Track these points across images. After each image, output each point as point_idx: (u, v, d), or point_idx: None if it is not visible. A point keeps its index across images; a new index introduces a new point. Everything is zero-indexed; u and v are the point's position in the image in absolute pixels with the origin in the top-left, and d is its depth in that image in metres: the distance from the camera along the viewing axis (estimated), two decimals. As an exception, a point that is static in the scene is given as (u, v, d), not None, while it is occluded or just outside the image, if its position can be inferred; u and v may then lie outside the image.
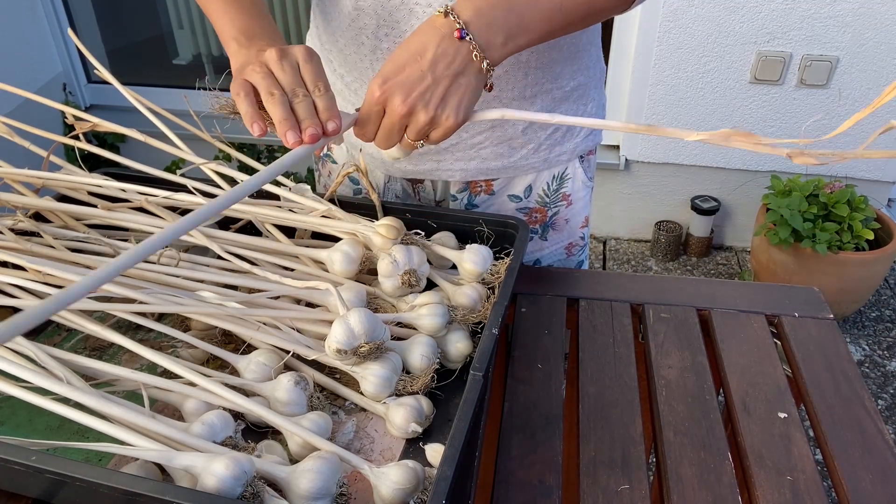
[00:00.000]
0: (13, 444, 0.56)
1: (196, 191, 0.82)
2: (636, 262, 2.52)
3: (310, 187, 0.84)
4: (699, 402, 0.72)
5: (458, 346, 0.71)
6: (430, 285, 0.78)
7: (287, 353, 0.67)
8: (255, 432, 0.65)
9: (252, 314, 0.69)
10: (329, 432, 0.63)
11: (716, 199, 2.41)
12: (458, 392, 0.66)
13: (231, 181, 0.84)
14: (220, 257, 0.77)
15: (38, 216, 0.85)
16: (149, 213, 0.80)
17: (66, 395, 0.60)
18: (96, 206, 0.82)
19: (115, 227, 0.84)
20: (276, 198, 0.83)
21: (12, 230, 0.79)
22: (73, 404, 0.59)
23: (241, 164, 1.68)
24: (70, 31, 0.91)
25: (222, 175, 0.84)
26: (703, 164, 2.37)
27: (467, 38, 0.61)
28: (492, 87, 0.66)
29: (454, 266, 0.79)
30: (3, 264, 0.74)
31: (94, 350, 0.75)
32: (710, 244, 2.53)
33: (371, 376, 0.65)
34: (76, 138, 0.85)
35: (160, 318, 0.73)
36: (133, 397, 0.65)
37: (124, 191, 0.82)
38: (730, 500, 0.62)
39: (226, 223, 0.87)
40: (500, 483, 0.63)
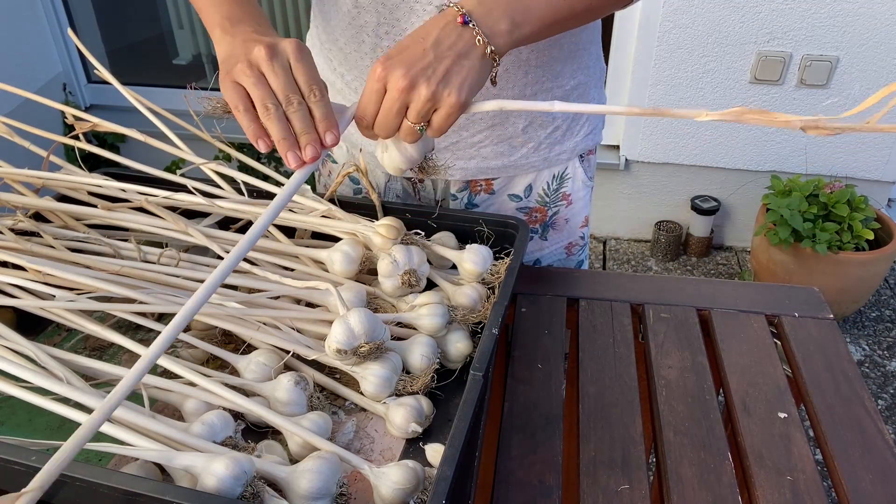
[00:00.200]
0: (13, 444, 0.56)
1: (196, 191, 0.82)
2: (636, 262, 2.52)
3: (310, 187, 0.84)
4: (699, 402, 0.72)
5: (458, 346, 0.71)
6: (430, 285, 0.78)
7: (287, 353, 0.67)
8: (255, 432, 0.65)
9: (252, 314, 0.69)
10: (329, 432, 0.63)
11: (716, 199, 2.40)
12: (458, 392, 0.66)
13: (231, 181, 0.84)
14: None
15: (38, 216, 0.85)
16: (149, 213, 0.80)
17: (66, 395, 0.60)
18: (96, 206, 0.82)
19: (115, 227, 0.84)
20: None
21: (12, 230, 0.79)
22: (73, 404, 0.59)
23: (241, 164, 1.67)
24: (70, 31, 0.91)
25: (222, 175, 0.84)
26: (703, 164, 2.36)
27: (470, 23, 0.61)
28: (496, 81, 0.66)
29: (454, 266, 0.79)
30: (3, 264, 0.74)
31: (94, 350, 0.75)
32: (710, 244, 2.53)
33: (371, 376, 0.65)
34: (76, 138, 0.85)
35: (160, 318, 0.73)
36: (133, 397, 0.65)
37: (124, 191, 0.82)
38: (730, 500, 0.62)
39: (226, 223, 0.87)
40: (500, 483, 0.63)
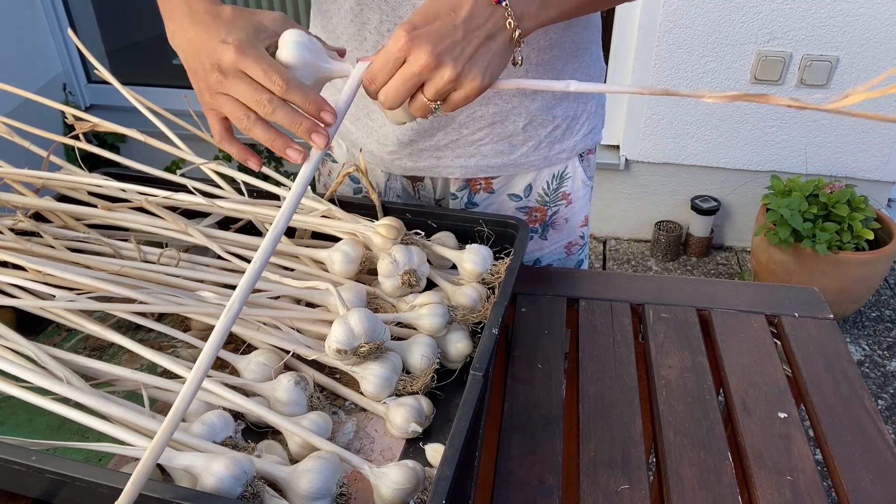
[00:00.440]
0: (13, 444, 0.56)
1: (196, 191, 0.82)
2: (636, 262, 2.52)
3: (310, 187, 0.84)
4: (699, 402, 0.72)
5: (458, 346, 0.71)
6: (430, 285, 0.78)
7: (287, 353, 0.67)
8: (255, 432, 0.65)
9: (252, 314, 0.69)
10: (329, 432, 0.63)
11: (716, 199, 2.40)
12: (458, 392, 0.66)
13: (231, 181, 0.84)
14: (220, 257, 0.77)
15: (38, 216, 0.85)
16: (149, 213, 0.80)
17: (66, 395, 0.60)
18: (96, 206, 0.82)
19: (115, 227, 0.84)
20: (275, 198, 0.83)
21: (12, 230, 0.79)
22: (73, 404, 0.59)
23: (241, 165, 1.67)
24: (70, 31, 0.91)
25: (222, 175, 0.84)
26: (702, 164, 2.36)
27: (504, 3, 0.60)
28: (517, 62, 0.64)
29: (454, 266, 0.79)
30: (3, 264, 0.74)
31: (94, 350, 0.75)
32: (710, 244, 2.53)
33: (371, 376, 0.65)
34: (76, 138, 0.85)
35: (160, 318, 0.73)
36: (133, 397, 0.65)
37: (124, 191, 0.82)
38: (730, 500, 0.62)
39: (226, 223, 0.87)
40: (500, 483, 0.63)
